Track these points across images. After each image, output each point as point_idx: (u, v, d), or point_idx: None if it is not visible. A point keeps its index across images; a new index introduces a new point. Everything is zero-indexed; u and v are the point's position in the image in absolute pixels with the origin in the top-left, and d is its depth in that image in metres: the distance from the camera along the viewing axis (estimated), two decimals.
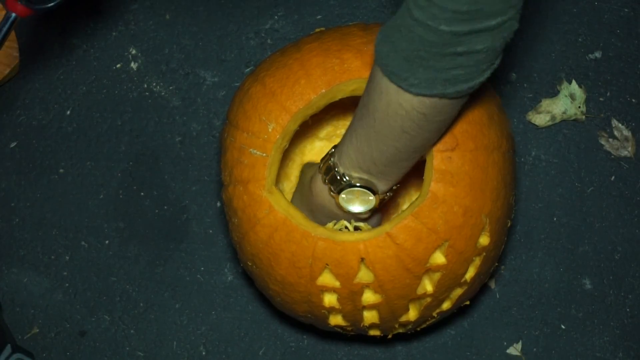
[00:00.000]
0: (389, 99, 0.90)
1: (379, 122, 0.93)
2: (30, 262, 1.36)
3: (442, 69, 0.85)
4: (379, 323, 1.12)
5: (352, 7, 1.41)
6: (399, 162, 0.99)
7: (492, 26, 0.81)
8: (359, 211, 1.05)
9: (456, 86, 0.87)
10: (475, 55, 0.84)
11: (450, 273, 1.07)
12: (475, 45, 0.83)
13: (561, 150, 1.37)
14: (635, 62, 1.38)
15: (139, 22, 1.42)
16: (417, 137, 0.94)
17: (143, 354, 1.33)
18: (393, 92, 0.89)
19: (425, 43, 0.83)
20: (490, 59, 0.86)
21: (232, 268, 1.35)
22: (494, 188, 1.07)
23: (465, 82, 0.87)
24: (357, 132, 0.97)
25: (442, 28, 0.81)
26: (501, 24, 0.82)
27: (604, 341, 1.31)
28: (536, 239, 1.34)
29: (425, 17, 0.81)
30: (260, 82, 1.10)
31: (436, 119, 0.92)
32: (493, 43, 0.83)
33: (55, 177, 1.38)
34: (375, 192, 1.02)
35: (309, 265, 1.06)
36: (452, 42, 0.82)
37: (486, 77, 0.88)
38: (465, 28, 0.81)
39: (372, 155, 0.98)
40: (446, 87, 0.86)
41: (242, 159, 1.08)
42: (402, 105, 0.89)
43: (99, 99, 1.40)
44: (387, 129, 0.93)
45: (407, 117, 0.91)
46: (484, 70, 0.87)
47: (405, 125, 0.92)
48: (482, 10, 0.80)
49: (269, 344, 1.33)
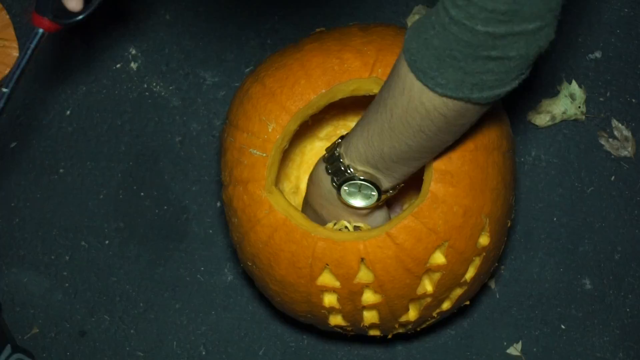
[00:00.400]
0: (412, 96, 0.88)
1: (396, 117, 0.92)
2: (30, 262, 1.36)
3: (472, 72, 0.83)
4: (379, 323, 1.12)
5: (352, 7, 1.41)
6: (409, 160, 0.98)
7: (530, 30, 0.80)
8: (360, 206, 1.04)
9: (483, 92, 0.86)
10: (508, 62, 0.83)
11: (450, 273, 1.07)
12: (510, 51, 0.81)
13: (561, 150, 1.37)
14: (635, 62, 1.38)
15: (139, 22, 1.42)
16: (433, 138, 0.93)
17: (143, 354, 1.33)
18: (417, 89, 0.87)
19: (459, 43, 0.81)
20: (521, 68, 0.84)
21: (232, 268, 1.35)
22: (494, 188, 1.07)
23: (492, 89, 0.86)
24: (371, 125, 0.96)
25: (478, 28, 0.79)
26: (538, 29, 0.81)
27: (604, 341, 1.31)
28: (536, 239, 1.34)
29: (462, 15, 0.80)
30: (261, 82, 1.10)
31: (457, 123, 0.91)
32: (527, 50, 0.82)
33: (55, 177, 1.38)
34: (379, 187, 1.01)
35: (309, 265, 1.06)
36: (487, 45, 0.81)
37: (514, 86, 0.87)
38: (502, 30, 0.79)
39: (383, 150, 0.96)
40: (473, 91, 0.85)
41: (242, 159, 1.08)
42: (424, 104, 0.88)
43: (99, 99, 1.40)
44: (403, 126, 0.92)
45: (427, 117, 0.89)
46: (513, 79, 0.85)
47: (423, 124, 0.90)
48: (521, 11, 0.78)
49: (269, 344, 1.33)
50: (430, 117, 0.89)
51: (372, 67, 1.07)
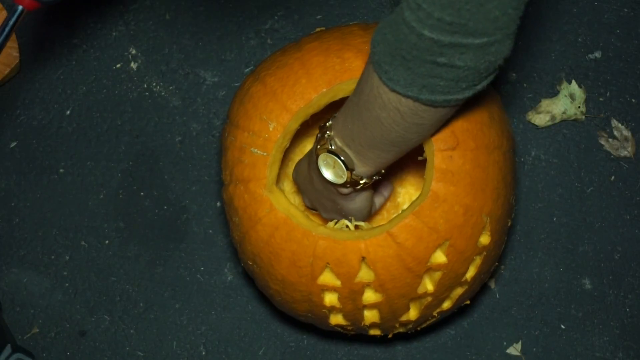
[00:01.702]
0: (372, 85, 0.91)
1: (362, 103, 0.94)
2: (30, 262, 1.36)
3: (420, 74, 0.85)
4: (380, 322, 1.12)
5: (352, 7, 1.41)
6: (374, 149, 0.99)
7: (476, 45, 0.82)
8: (328, 178, 1.03)
9: (432, 95, 0.87)
10: (456, 71, 0.84)
11: (450, 272, 1.07)
12: (457, 60, 0.83)
13: (561, 150, 1.37)
14: (635, 62, 1.39)
15: (139, 22, 1.42)
16: (392, 131, 0.94)
17: (143, 354, 1.33)
18: (376, 80, 0.90)
19: (408, 44, 0.84)
20: (471, 79, 0.86)
21: (232, 268, 1.35)
22: (494, 187, 1.07)
23: (441, 94, 0.87)
24: (348, 105, 0.98)
25: (425, 33, 0.82)
26: (486, 45, 0.82)
27: (604, 341, 1.31)
28: (536, 239, 1.34)
29: (412, 18, 0.82)
30: (261, 81, 1.10)
31: (412, 121, 0.92)
32: (476, 63, 0.83)
33: (55, 177, 1.38)
34: (348, 167, 1.01)
35: (309, 264, 1.06)
36: (433, 50, 0.83)
37: (466, 96, 0.88)
38: (447, 39, 0.81)
39: (353, 131, 0.98)
40: (422, 92, 0.87)
41: (242, 158, 1.08)
42: (382, 96, 0.91)
43: (99, 99, 1.40)
44: (366, 113, 0.94)
45: (385, 108, 0.92)
46: (464, 89, 0.87)
47: (381, 115, 0.93)
48: (467, 25, 0.80)
49: (269, 344, 1.33)
50: (386, 109, 0.91)
51: None
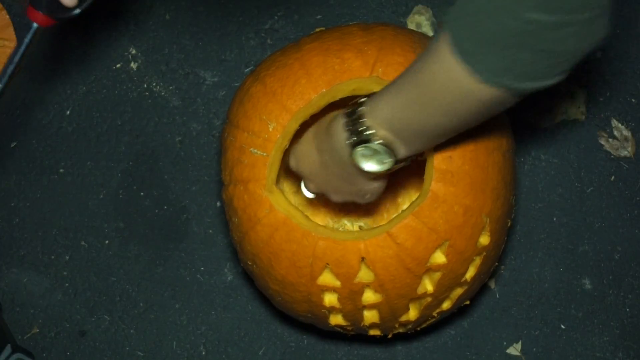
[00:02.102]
0: (450, 77, 0.85)
1: (429, 95, 0.89)
2: (30, 262, 1.36)
3: (515, 62, 0.81)
4: (379, 323, 1.12)
5: (352, 7, 1.41)
6: (434, 137, 0.95)
7: (581, 21, 0.77)
8: (372, 170, 0.98)
9: (523, 83, 0.83)
10: (555, 56, 0.80)
11: (450, 273, 1.07)
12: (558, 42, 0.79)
13: (561, 150, 1.37)
14: (635, 62, 1.38)
15: (139, 22, 1.42)
16: (465, 120, 0.91)
17: (143, 354, 1.33)
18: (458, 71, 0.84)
19: (507, 30, 0.79)
20: (566, 64, 0.82)
21: (232, 268, 1.35)
22: (494, 188, 1.07)
23: (533, 81, 0.83)
24: (401, 94, 0.92)
25: (527, 15, 0.77)
26: (590, 20, 0.78)
27: (604, 341, 1.31)
28: (536, 239, 1.34)
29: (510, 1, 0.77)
30: (261, 81, 1.10)
31: (490, 110, 0.88)
32: (575, 45, 0.79)
33: (55, 177, 1.38)
34: (396, 156, 0.97)
35: (309, 264, 1.06)
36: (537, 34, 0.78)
37: (554, 82, 0.84)
38: (550, 18, 0.76)
39: (410, 121, 0.93)
40: (514, 81, 0.83)
41: (242, 158, 1.08)
42: (463, 88, 0.85)
43: (99, 99, 1.40)
44: (436, 103, 0.89)
45: (463, 100, 0.86)
46: (556, 74, 0.83)
47: (458, 107, 0.88)
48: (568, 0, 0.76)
49: (269, 344, 1.33)
50: (466, 100, 0.86)
51: (373, 66, 1.07)
